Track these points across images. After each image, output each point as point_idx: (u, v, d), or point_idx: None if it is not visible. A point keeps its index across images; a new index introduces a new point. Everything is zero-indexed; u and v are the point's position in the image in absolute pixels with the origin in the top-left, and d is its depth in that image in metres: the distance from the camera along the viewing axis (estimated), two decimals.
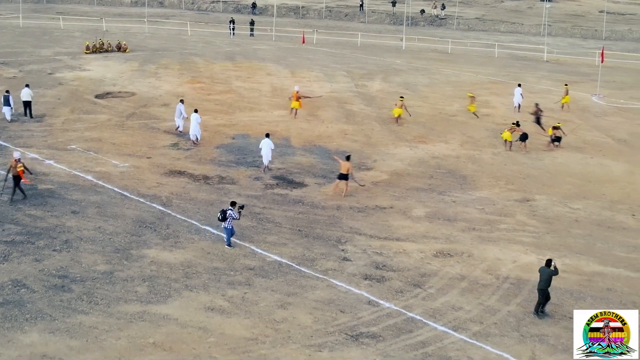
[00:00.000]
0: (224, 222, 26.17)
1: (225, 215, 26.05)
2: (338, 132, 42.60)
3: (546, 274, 22.55)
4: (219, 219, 26.27)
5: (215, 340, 20.50)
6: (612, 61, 68.70)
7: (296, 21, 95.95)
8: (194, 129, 38.95)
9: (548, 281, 22.53)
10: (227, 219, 26.09)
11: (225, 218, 26.08)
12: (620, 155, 40.20)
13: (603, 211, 31.88)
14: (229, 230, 26.28)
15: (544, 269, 22.67)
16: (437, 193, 33.35)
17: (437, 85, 57.34)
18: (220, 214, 26.21)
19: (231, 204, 26.54)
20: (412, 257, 26.41)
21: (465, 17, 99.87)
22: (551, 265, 22.71)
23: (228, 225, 26.20)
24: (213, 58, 65.34)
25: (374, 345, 20.59)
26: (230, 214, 26.04)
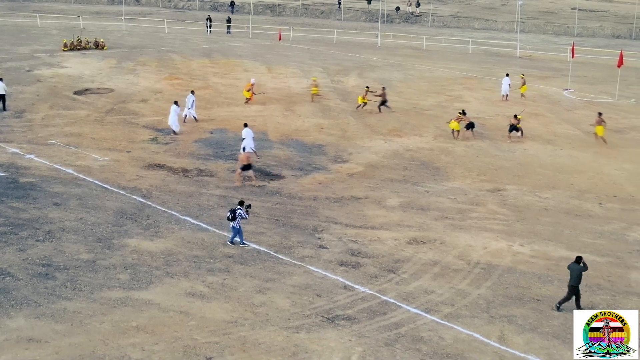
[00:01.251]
0: (233, 221, 26.28)
1: (235, 214, 26.16)
2: (314, 127, 43.40)
3: (577, 270, 22.80)
4: (228, 219, 26.32)
5: (196, 323, 21.22)
6: (584, 57, 70.06)
7: (272, 19, 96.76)
8: (172, 120, 39.73)
9: (579, 278, 22.78)
10: (236, 218, 26.25)
11: (235, 217, 26.21)
12: (589, 147, 41.28)
13: (571, 200, 32.88)
14: (237, 229, 26.39)
15: (574, 266, 22.89)
16: (411, 184, 34.21)
17: (411, 81, 58.34)
18: (230, 213, 26.27)
19: (239, 203, 26.71)
20: (386, 245, 27.24)
21: (440, 14, 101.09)
22: (581, 262, 22.97)
23: (237, 224, 26.33)
24: (190, 55, 66.00)
25: (349, 326, 21.38)
26: (240, 213, 26.22)
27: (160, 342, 20.10)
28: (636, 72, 64.78)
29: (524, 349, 20.55)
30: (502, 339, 21.11)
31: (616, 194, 33.86)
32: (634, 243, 28.29)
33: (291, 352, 19.86)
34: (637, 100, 53.85)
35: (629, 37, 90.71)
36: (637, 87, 58.71)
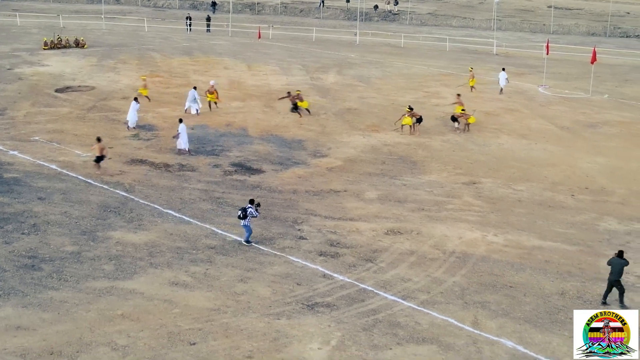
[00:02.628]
0: (245, 219, 26.47)
1: (246, 213, 26.35)
2: (294, 122, 44.08)
3: (619, 265, 23.15)
4: (240, 217, 26.45)
5: (179, 311, 21.86)
6: (559, 54, 71.11)
7: (252, 17, 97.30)
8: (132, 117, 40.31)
9: (621, 272, 23.15)
10: (247, 217, 26.45)
11: (246, 216, 26.41)
12: (563, 142, 42.22)
13: (544, 192, 33.76)
14: (248, 227, 26.64)
15: (617, 260, 23.22)
16: (389, 177, 34.97)
17: (389, 78, 59.11)
18: (241, 212, 26.39)
19: (250, 201, 26.87)
20: (364, 235, 27.98)
21: (418, 13, 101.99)
22: (623, 256, 23.34)
23: (248, 222, 26.57)
24: (171, 53, 66.48)
25: (328, 313, 22.10)
26: (251, 212, 26.45)
27: (145, 329, 20.73)
28: (610, 69, 65.91)
29: (496, 333, 21.33)
30: (476, 323, 21.88)
31: (588, 186, 34.78)
32: (604, 232, 29.19)
33: (272, 338, 20.54)
34: (610, 96, 54.87)
35: (603, 35, 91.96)
36: (611, 83, 59.80)
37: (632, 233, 29.22)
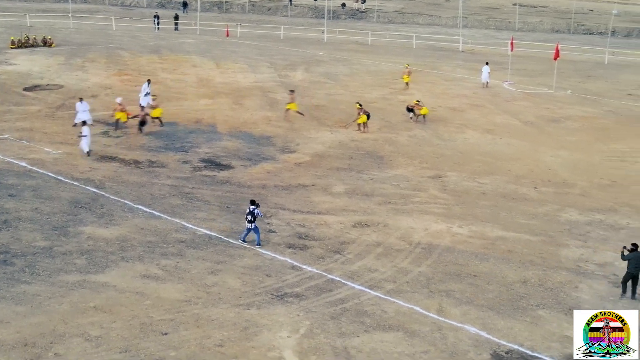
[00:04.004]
0: (253, 222, 26.41)
1: (254, 215, 26.32)
2: (262, 119, 44.56)
3: (637, 258, 23.37)
4: (250, 221, 26.33)
5: (151, 302, 22.29)
6: (524, 50, 72.20)
7: (220, 15, 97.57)
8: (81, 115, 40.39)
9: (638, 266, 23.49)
10: (256, 219, 26.43)
11: (255, 219, 26.38)
12: (526, 136, 43.10)
13: (508, 185, 34.53)
14: (257, 229, 26.58)
15: (637, 254, 23.40)
16: (356, 172, 35.57)
17: (357, 75, 59.81)
18: (250, 215, 26.25)
19: (252, 202, 26.69)
20: (332, 228, 28.55)
21: (385, 10, 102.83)
22: (638, 248, 23.60)
23: (255, 225, 26.54)
24: (139, 51, 66.65)
25: (297, 303, 22.63)
26: (258, 213, 26.41)
27: (117, 320, 21.14)
28: (573, 65, 67.12)
29: (460, 320, 21.97)
30: (441, 311, 22.51)
31: (550, 178, 35.61)
32: (565, 223, 29.98)
33: (242, 327, 21.03)
34: (573, 92, 55.93)
35: (567, 32, 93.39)
36: (574, 79, 60.96)
37: (592, 223, 30.04)
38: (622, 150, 40.82)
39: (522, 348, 20.54)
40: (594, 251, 27.27)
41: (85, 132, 35.97)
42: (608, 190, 34.37)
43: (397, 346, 20.41)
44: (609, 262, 26.31)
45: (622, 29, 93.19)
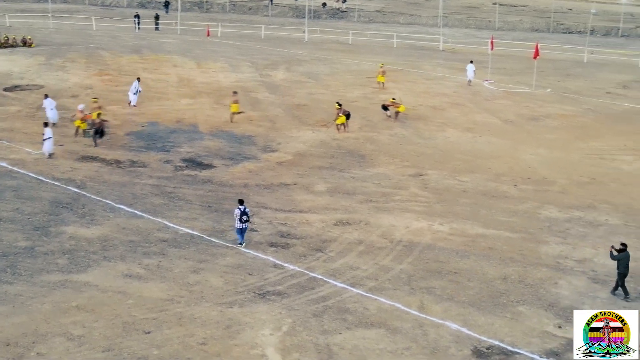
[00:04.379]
0: (248, 221, 26.28)
1: (248, 215, 26.11)
2: (244, 118, 44.59)
3: (628, 258, 23.63)
4: (245, 220, 26.09)
5: (134, 302, 22.33)
6: (503, 49, 72.53)
7: (200, 15, 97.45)
8: (51, 114, 40.49)
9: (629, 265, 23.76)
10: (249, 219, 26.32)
11: (248, 218, 26.23)
12: (506, 134, 43.40)
13: (488, 183, 34.78)
14: (246, 229, 26.49)
15: (626, 254, 23.64)
16: (338, 170, 35.71)
17: (338, 74, 59.96)
18: (245, 215, 25.91)
19: (241, 202, 26.29)
20: (314, 226, 28.67)
21: (366, 10, 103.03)
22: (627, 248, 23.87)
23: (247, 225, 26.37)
24: (119, 51, 66.47)
25: (279, 301, 22.74)
26: (248, 212, 26.20)
27: (100, 319, 21.17)
28: (552, 64, 67.57)
29: (441, 316, 22.16)
30: (422, 307, 22.68)
31: (530, 176, 35.88)
32: (545, 220, 30.25)
33: (225, 325, 21.12)
34: (552, 90, 56.32)
35: (546, 31, 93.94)
36: (553, 78, 61.37)
37: (572, 220, 30.32)
38: (601, 148, 41.18)
39: (503, 344, 20.75)
40: (573, 248, 27.54)
41: (48, 134, 35.68)
42: (587, 187, 34.69)
43: (379, 343, 20.56)
44: (588, 259, 26.59)
45: (600, 27, 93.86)
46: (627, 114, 49.75)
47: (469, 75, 57.23)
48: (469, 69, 57.23)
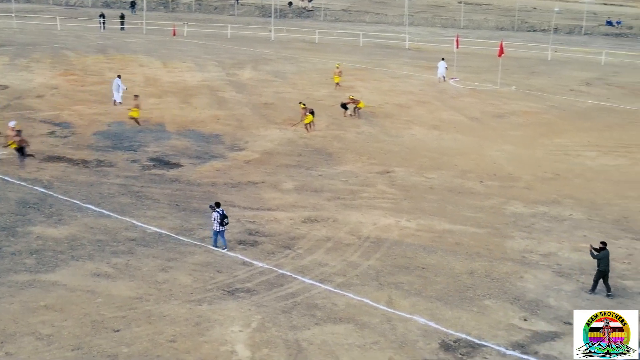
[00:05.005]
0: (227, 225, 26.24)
1: (226, 217, 26.06)
2: (211, 117, 44.64)
3: (608, 256, 23.70)
4: (226, 223, 26.06)
5: (102, 300, 22.32)
6: (469, 48, 73.19)
7: (166, 15, 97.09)
8: None
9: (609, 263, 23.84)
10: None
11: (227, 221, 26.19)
12: (472, 131, 43.83)
13: (455, 179, 35.12)
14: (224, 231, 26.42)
15: (606, 252, 23.72)
16: (305, 169, 35.86)
17: (304, 73, 60.14)
18: (225, 218, 25.88)
19: (217, 205, 26.21)
20: (282, 224, 28.81)
21: (332, 9, 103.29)
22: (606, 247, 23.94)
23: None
24: (85, 51, 66.12)
25: (248, 298, 22.85)
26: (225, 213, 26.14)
27: (69, 318, 21.15)
28: (517, 62, 68.23)
29: (409, 311, 22.38)
30: (390, 302, 22.90)
31: (496, 172, 36.30)
32: (511, 215, 30.63)
33: (194, 322, 21.19)
34: (517, 88, 56.90)
35: (511, 29, 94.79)
36: (518, 76, 62.01)
37: (537, 215, 30.73)
38: (565, 144, 41.72)
39: (470, 337, 21.02)
40: (539, 242, 27.93)
41: None
42: (551, 183, 35.15)
43: (348, 338, 20.74)
44: (553, 253, 27.00)
45: (564, 26, 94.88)
46: (590, 111, 50.43)
47: (439, 72, 57.85)
48: (440, 66, 57.96)
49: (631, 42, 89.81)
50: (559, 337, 21.13)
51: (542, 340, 20.96)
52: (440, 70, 58.09)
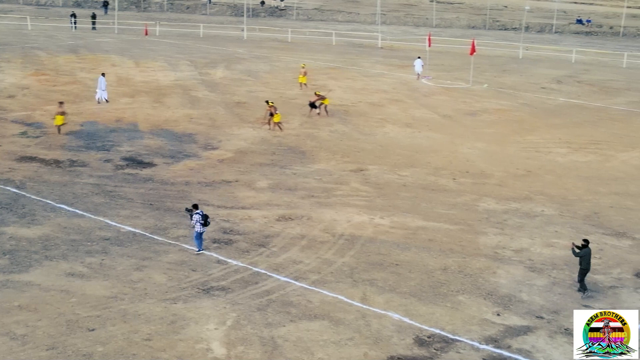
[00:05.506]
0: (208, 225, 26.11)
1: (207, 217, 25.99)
2: (184, 117, 44.57)
3: (590, 254, 23.76)
4: (208, 224, 25.96)
5: (77, 300, 22.26)
6: (441, 46, 73.61)
7: (138, 14, 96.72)
8: None
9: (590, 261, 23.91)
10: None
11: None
12: (445, 129, 44.11)
13: (428, 176, 35.34)
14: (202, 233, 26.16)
15: (588, 250, 23.78)
16: (279, 167, 35.93)
17: (277, 72, 60.19)
18: (205, 219, 25.71)
19: (194, 206, 26.08)
20: (256, 222, 28.86)
21: (305, 8, 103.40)
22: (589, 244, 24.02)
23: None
24: (56, 51, 65.73)
25: (223, 296, 22.89)
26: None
27: (43, 318, 21.07)
28: (489, 60, 68.76)
29: (384, 307, 22.53)
30: (365, 299, 23.04)
31: (468, 170, 36.57)
32: (483, 212, 30.89)
33: (170, 321, 21.20)
34: (489, 86, 57.32)
35: (483, 28, 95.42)
36: (490, 74, 62.49)
37: (509, 212, 31.01)
38: (536, 142, 42.12)
39: (444, 332, 21.20)
40: (511, 238, 28.20)
41: None
42: (523, 179, 35.48)
43: (323, 334, 20.85)
44: (525, 248, 27.26)
45: (535, 24, 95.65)
46: (561, 108, 50.93)
47: (416, 69, 58.51)
48: (417, 64, 58.58)
49: (601, 40, 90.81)
50: (532, 331, 21.38)
51: (515, 335, 21.19)
52: (417, 68, 58.82)
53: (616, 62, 72.00)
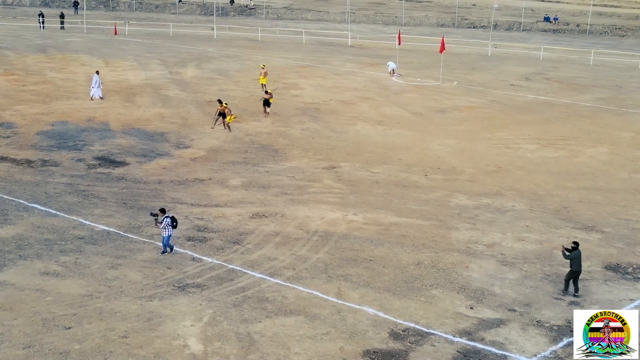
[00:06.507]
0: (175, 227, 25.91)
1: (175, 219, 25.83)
2: (155, 116, 44.54)
3: (580, 256, 23.77)
4: (175, 226, 25.79)
5: (52, 298, 22.25)
6: (411, 44, 74.09)
7: (107, 13, 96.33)
8: None
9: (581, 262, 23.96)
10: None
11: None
12: (416, 126, 44.47)
13: (400, 173, 35.64)
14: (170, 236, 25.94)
15: (578, 252, 23.80)
16: (252, 165, 36.05)
17: (248, 71, 60.23)
18: (175, 222, 25.62)
19: (162, 210, 25.86)
20: (230, 220, 28.97)
21: (274, 7, 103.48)
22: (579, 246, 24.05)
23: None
24: (24, 51, 65.33)
25: (199, 293, 23.00)
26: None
27: (19, 317, 21.05)
28: (458, 58, 69.28)
29: (358, 302, 22.75)
30: (340, 294, 23.25)
31: (440, 166, 36.92)
32: (455, 208, 31.23)
33: (146, 318, 21.27)
34: (459, 83, 57.80)
35: (452, 26, 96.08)
36: (459, 71, 62.98)
37: (480, 207, 31.38)
38: (506, 138, 42.59)
39: (418, 325, 21.45)
40: (483, 233, 28.55)
41: None
42: (494, 175, 35.90)
43: (299, 329, 21.02)
44: (497, 243, 27.62)
45: (503, 22, 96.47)
46: (530, 105, 51.51)
47: (390, 66, 59.48)
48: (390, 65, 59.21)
49: (568, 37, 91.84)
50: (504, 324, 21.69)
51: (488, 327, 21.49)
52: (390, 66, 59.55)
53: (583, 60, 72.86)
